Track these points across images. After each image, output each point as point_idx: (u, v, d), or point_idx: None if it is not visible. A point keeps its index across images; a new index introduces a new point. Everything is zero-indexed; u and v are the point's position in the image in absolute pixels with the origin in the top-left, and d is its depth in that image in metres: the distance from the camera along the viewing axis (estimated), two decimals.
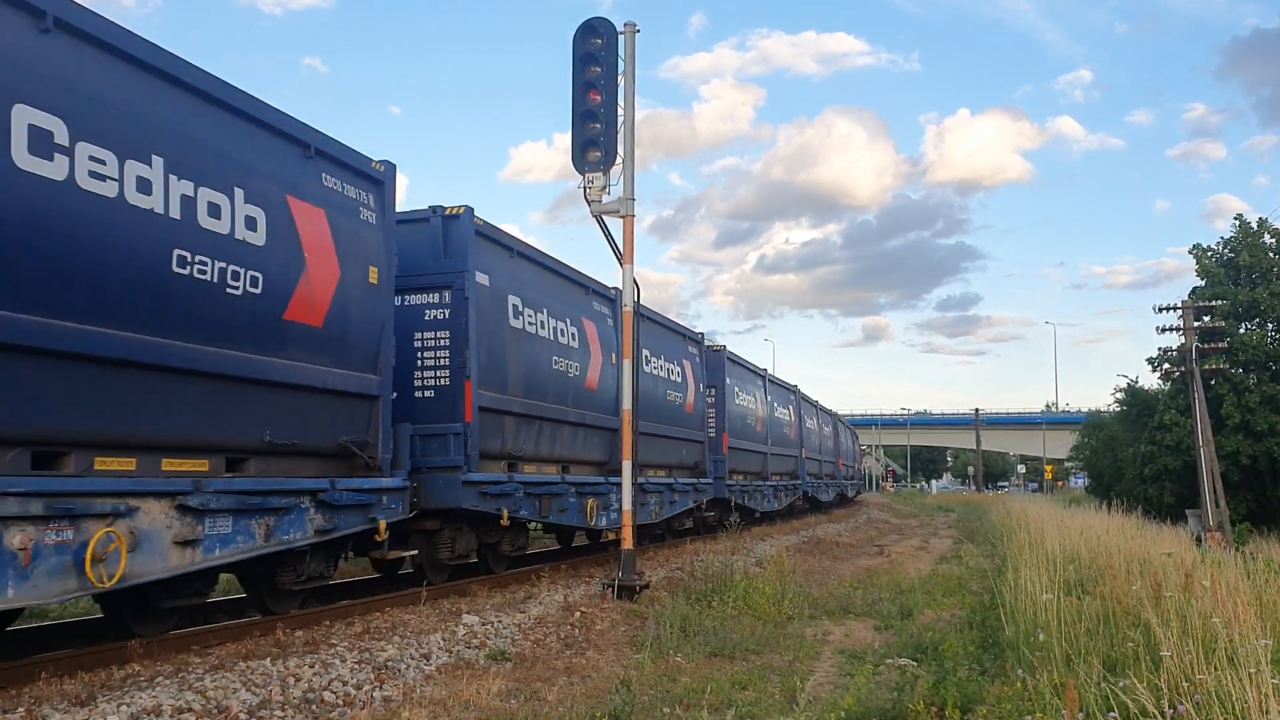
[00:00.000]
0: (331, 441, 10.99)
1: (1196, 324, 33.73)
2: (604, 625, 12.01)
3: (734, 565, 15.56)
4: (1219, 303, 36.02)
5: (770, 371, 34.07)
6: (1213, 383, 35.78)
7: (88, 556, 7.69)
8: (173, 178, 8.65)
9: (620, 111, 14.28)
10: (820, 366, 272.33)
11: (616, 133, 14.25)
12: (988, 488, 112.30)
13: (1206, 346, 33.41)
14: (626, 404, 14.54)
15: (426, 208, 13.92)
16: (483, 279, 13.86)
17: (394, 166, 12.25)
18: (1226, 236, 40.74)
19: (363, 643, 9.66)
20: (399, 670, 8.86)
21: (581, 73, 14.27)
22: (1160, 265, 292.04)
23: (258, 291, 9.62)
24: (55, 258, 7.65)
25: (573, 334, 16.85)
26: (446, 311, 13.50)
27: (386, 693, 8.22)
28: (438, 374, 13.84)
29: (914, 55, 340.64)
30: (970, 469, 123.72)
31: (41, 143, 7.50)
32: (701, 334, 25.52)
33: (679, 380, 22.53)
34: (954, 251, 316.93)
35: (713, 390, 25.95)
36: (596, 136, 14.23)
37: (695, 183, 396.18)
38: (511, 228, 14.79)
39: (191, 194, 8.86)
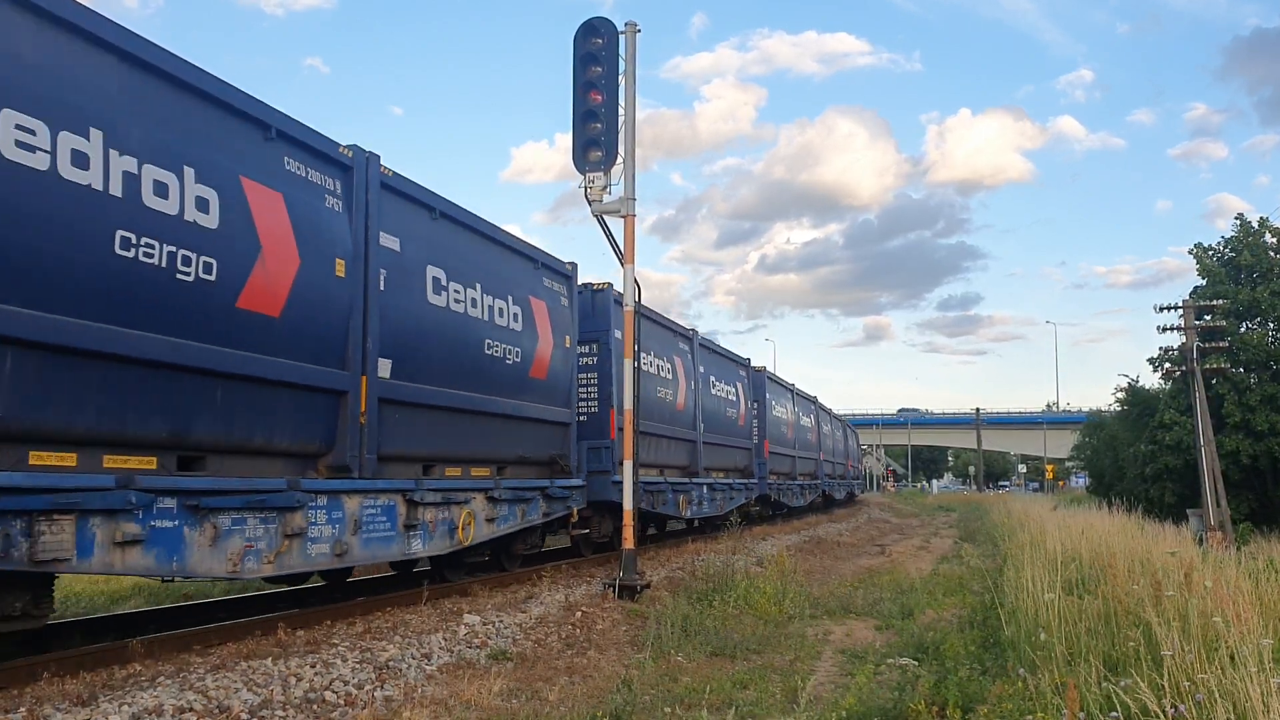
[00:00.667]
0: (546, 454, 15.80)
1: (1197, 323, 33.69)
2: (605, 625, 12.01)
3: (735, 565, 15.56)
4: (1220, 302, 35.96)
5: (773, 371, 34.24)
6: (1214, 382, 35.74)
7: (458, 526, 13.09)
8: (113, 152, 8.05)
9: (621, 111, 14.28)
10: (821, 366, 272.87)
11: (617, 132, 14.25)
12: (989, 487, 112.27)
13: (1207, 346, 33.37)
14: (628, 404, 14.53)
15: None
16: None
17: (363, 153, 11.39)
18: (1228, 236, 40.70)
19: (364, 642, 9.66)
20: (400, 670, 8.86)
21: (582, 72, 14.27)
22: (1161, 265, 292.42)
23: (516, 361, 14.74)
24: None
25: (668, 367, 21.58)
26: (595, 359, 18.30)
27: (388, 692, 8.22)
28: (588, 403, 18.62)
29: (915, 55, 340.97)
30: (971, 469, 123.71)
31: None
32: (749, 359, 30.36)
33: (734, 399, 27.48)
34: (955, 251, 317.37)
35: (755, 404, 30.16)
36: (597, 136, 14.23)
37: (696, 183, 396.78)
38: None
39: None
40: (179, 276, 8.60)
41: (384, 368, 11.46)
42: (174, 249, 8.52)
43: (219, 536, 9.03)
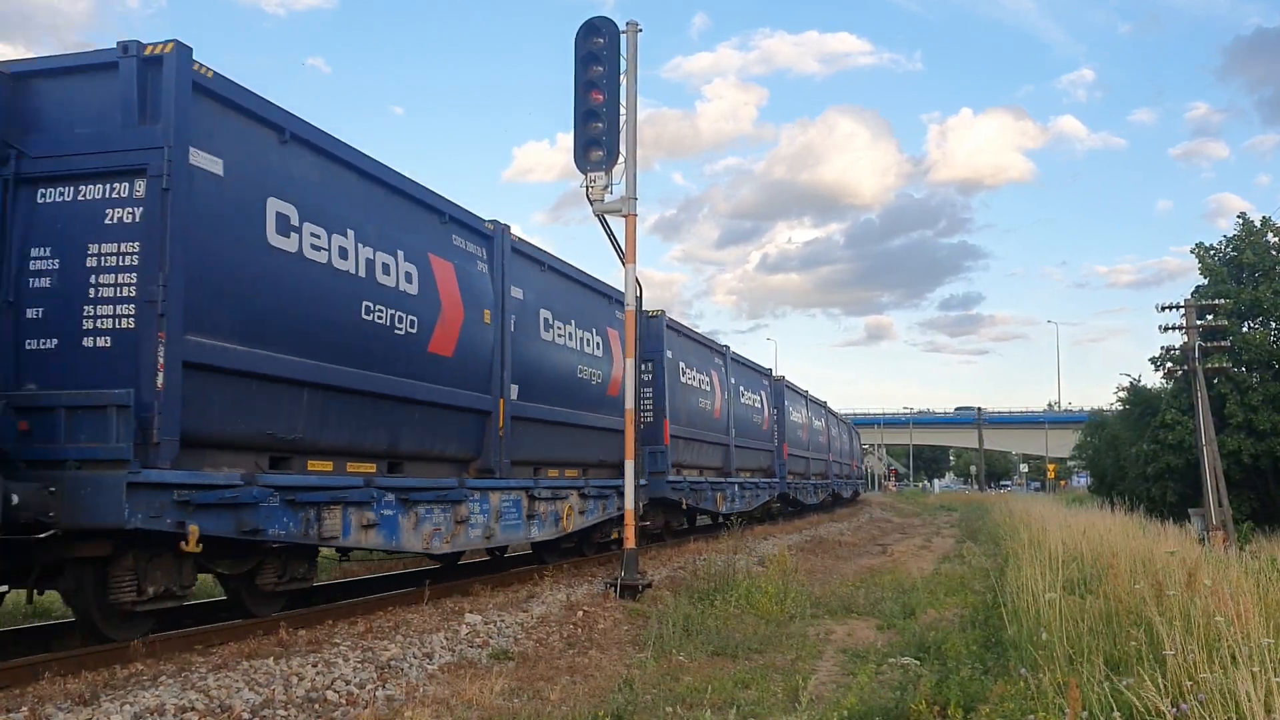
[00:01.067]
0: (617, 458, 16.43)
1: (1199, 323, 33.70)
2: (606, 624, 12.01)
3: (736, 564, 15.56)
4: (1222, 301, 35.97)
5: (775, 371, 34.51)
6: (1215, 381, 35.75)
7: (562, 517, 15.98)
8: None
9: (622, 111, 14.26)
10: (823, 365, 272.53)
11: (618, 132, 14.23)
12: (990, 487, 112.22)
13: (1209, 345, 33.38)
14: (629, 404, 14.53)
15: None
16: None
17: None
18: (1229, 235, 40.71)
19: (365, 642, 9.66)
20: (402, 669, 8.86)
21: (583, 72, 14.26)
22: (1162, 264, 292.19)
23: (599, 382, 16.98)
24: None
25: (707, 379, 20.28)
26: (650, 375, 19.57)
27: (389, 692, 8.22)
28: (645, 414, 20.21)
29: (916, 55, 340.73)
30: (973, 468, 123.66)
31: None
32: (770, 369, 33.62)
33: (759, 407, 30.61)
34: (956, 251, 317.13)
35: (776, 410, 32.86)
36: (598, 136, 14.22)
37: (698, 182, 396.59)
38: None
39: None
40: (396, 331, 11.75)
41: (514, 391, 14.35)
42: (394, 311, 11.70)
43: (418, 521, 12.13)
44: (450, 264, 12.96)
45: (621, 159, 14.29)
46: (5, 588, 9.08)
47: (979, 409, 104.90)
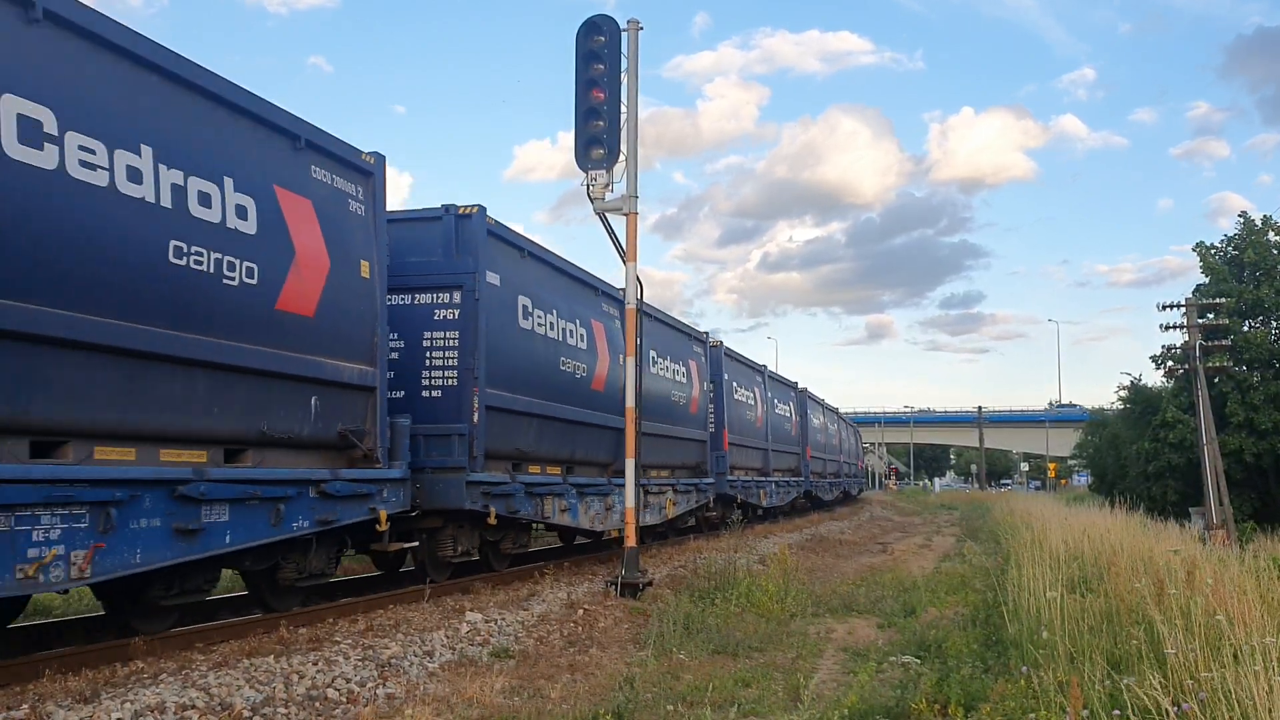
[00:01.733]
0: (694, 461, 20.64)
1: (1200, 321, 33.69)
2: (607, 623, 12.01)
3: (737, 563, 15.54)
4: (1223, 300, 35.96)
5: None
6: (1216, 380, 35.76)
7: (666, 506, 20.45)
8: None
9: (623, 109, 14.25)
10: (823, 364, 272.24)
11: (619, 130, 14.22)
12: (991, 486, 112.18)
13: (1210, 344, 33.37)
14: (630, 402, 14.53)
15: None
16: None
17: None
18: (1231, 234, 40.69)
19: (366, 640, 9.66)
20: (402, 667, 8.86)
21: (584, 70, 14.24)
22: (1163, 263, 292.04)
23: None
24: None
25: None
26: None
27: (390, 690, 8.22)
28: (708, 425, 24.22)
29: (917, 54, 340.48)
30: (973, 467, 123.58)
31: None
32: (796, 381, 38.34)
33: (788, 415, 35.15)
34: (957, 250, 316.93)
35: (800, 418, 37.36)
36: (599, 134, 14.20)
37: (699, 181, 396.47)
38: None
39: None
40: (577, 377, 16.68)
41: (628, 414, 15.51)
42: (578, 364, 16.60)
43: (587, 508, 16.78)
44: (600, 325, 17.68)
45: (622, 157, 14.28)
46: (414, 544, 13.22)
47: (979, 408, 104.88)
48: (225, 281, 9.41)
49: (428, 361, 13.43)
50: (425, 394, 13.37)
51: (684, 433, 22.15)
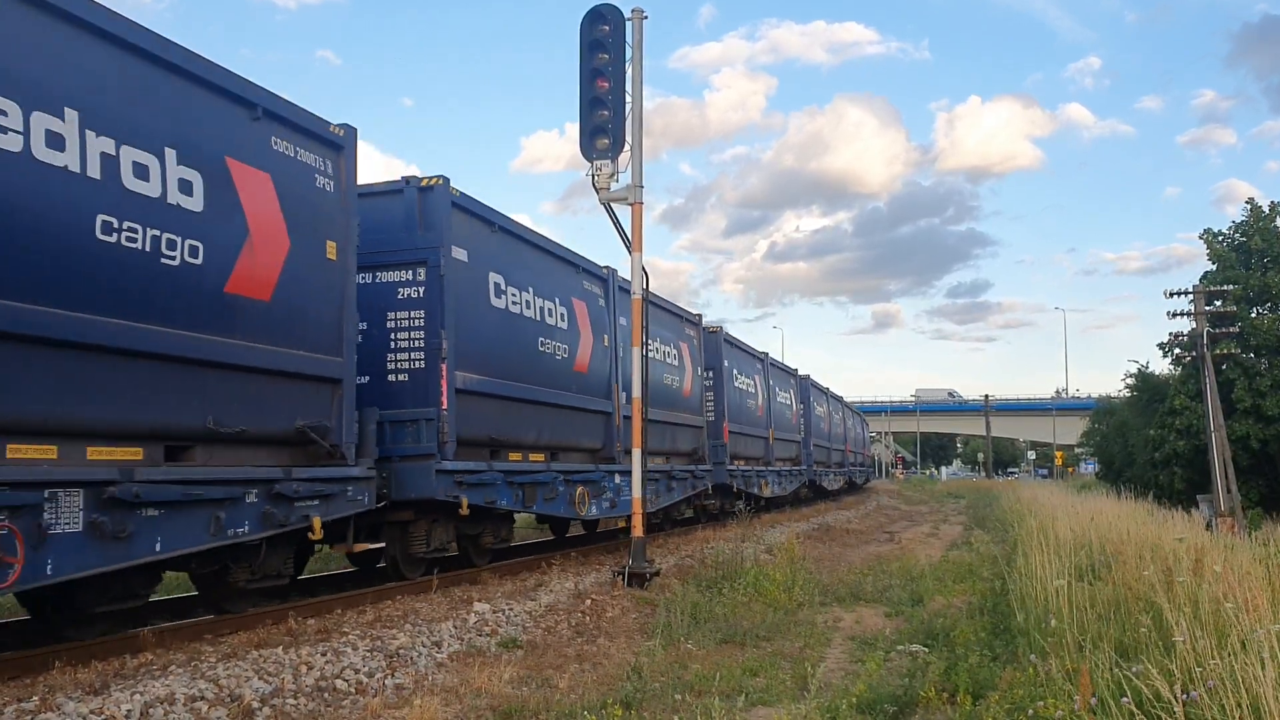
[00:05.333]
0: (691, 447, 20.57)
1: (1207, 308, 33.56)
2: (615, 612, 12.02)
3: (744, 553, 15.56)
4: (1230, 287, 35.81)
5: (776, 358, 34.78)
6: (1224, 367, 35.61)
7: (667, 491, 20.39)
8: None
9: (628, 99, 14.23)
10: (830, 353, 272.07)
11: (624, 120, 14.19)
12: (998, 474, 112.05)
13: (1217, 331, 33.26)
14: (636, 392, 14.53)
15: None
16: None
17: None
18: (1238, 221, 40.51)
19: (374, 631, 9.68)
20: (411, 658, 8.88)
21: (589, 60, 14.21)
22: (1170, 251, 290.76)
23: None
24: None
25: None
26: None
27: (398, 680, 8.24)
28: (706, 413, 23.64)
29: (924, 43, 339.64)
30: (980, 455, 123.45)
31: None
32: (808, 375, 38.19)
33: (789, 403, 34.47)
34: (965, 238, 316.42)
35: (803, 405, 37.18)
36: (604, 124, 14.17)
37: (706, 172, 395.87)
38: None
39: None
40: (557, 358, 15.87)
41: (622, 399, 17.37)
42: (559, 344, 15.86)
43: (576, 496, 16.04)
44: (581, 302, 17.09)
45: (627, 147, 14.25)
46: (380, 544, 13.21)
47: (987, 396, 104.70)
48: (164, 261, 8.54)
49: (393, 343, 12.66)
50: (391, 378, 12.59)
51: (677, 418, 21.27)
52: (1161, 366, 43.72)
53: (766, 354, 31.80)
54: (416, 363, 12.59)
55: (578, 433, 16.76)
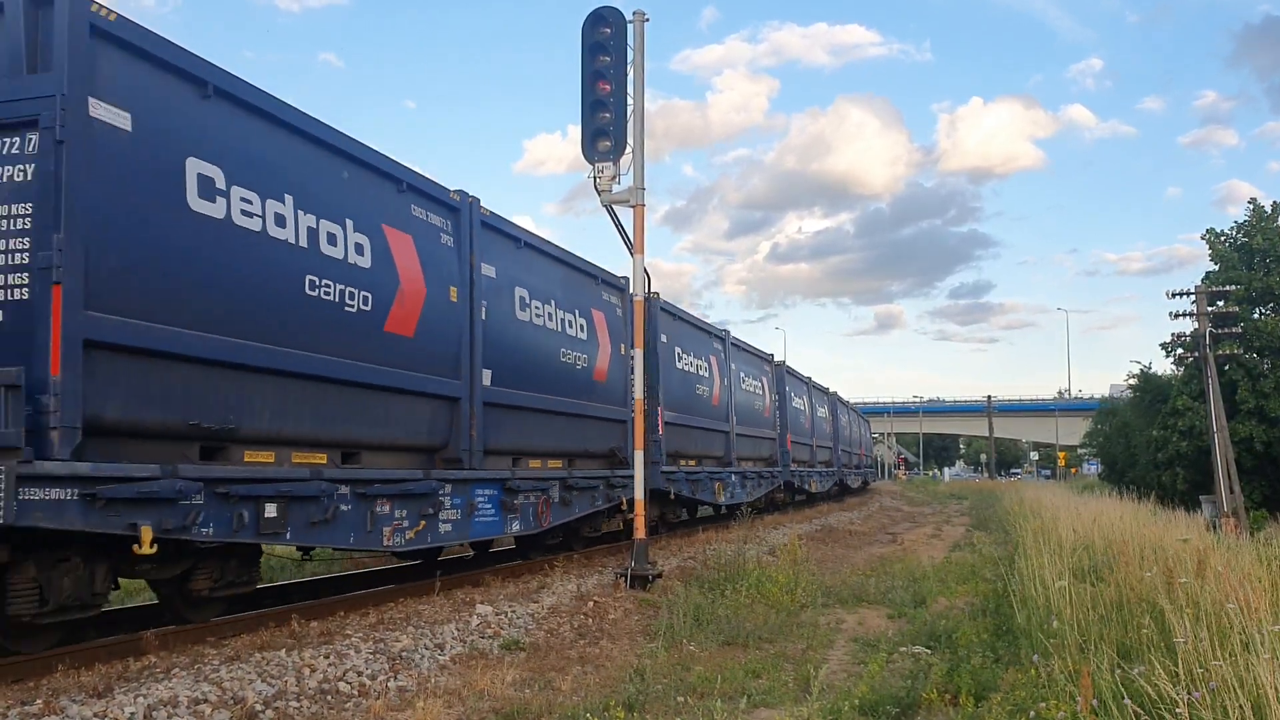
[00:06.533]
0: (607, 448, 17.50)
1: (1210, 309, 33.51)
2: (617, 614, 12.03)
3: (746, 554, 15.55)
4: (1233, 288, 35.78)
5: (776, 357, 34.52)
6: (1226, 368, 35.58)
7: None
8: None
9: (630, 101, 14.25)
10: (833, 354, 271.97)
11: (626, 122, 14.21)
12: (1000, 475, 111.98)
13: (1220, 331, 33.21)
14: (638, 394, 14.55)
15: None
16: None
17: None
18: (1240, 221, 40.48)
19: (377, 633, 9.69)
20: (413, 660, 8.89)
21: (591, 62, 14.24)
22: (1173, 251, 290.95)
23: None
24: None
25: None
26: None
27: (401, 683, 8.25)
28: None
29: (925, 45, 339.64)
30: (983, 456, 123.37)
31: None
32: (771, 354, 34.55)
33: (760, 393, 30.59)
34: (967, 239, 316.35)
35: (778, 396, 33.56)
36: (606, 126, 14.19)
37: (708, 173, 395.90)
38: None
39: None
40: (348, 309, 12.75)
41: (637, 405, 15.57)
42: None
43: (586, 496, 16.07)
44: (600, 314, 17.18)
45: (629, 149, 14.27)
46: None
47: (989, 397, 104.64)
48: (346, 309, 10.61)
49: None
50: None
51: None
52: (1164, 367, 43.76)
53: (727, 332, 27.15)
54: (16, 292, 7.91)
55: (594, 439, 16.60)
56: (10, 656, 8.12)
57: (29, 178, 7.71)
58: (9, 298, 7.67)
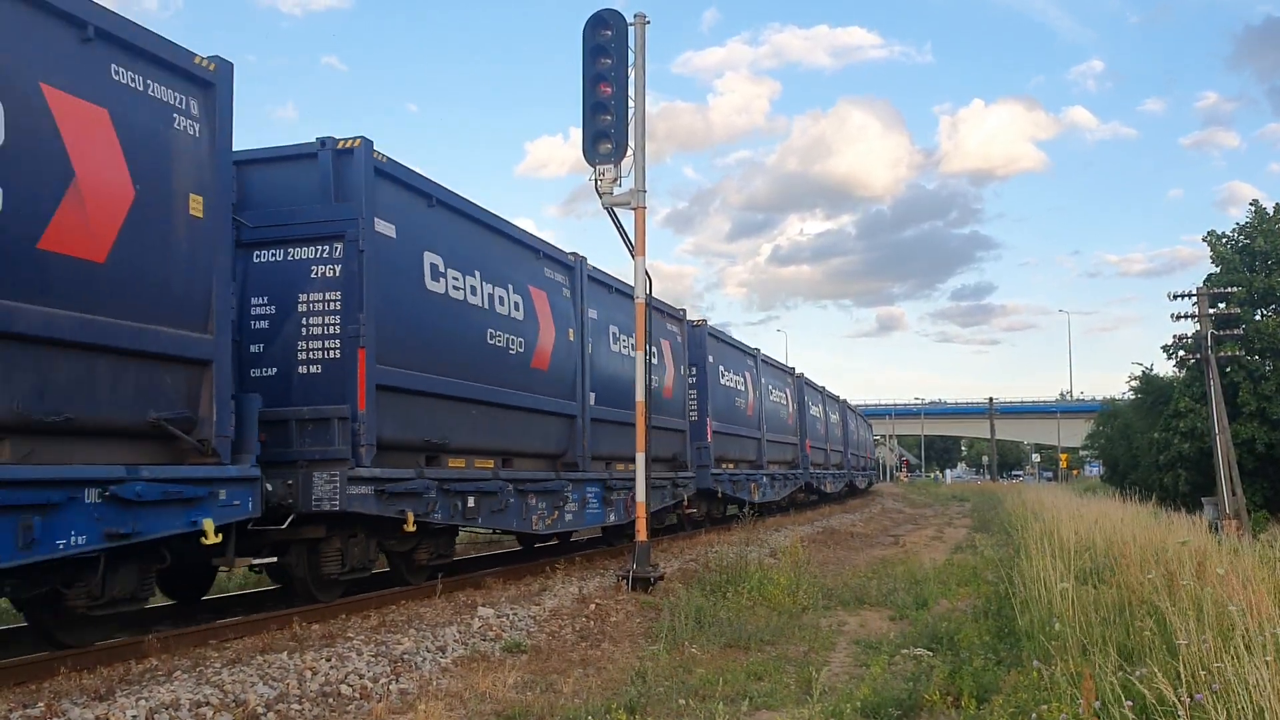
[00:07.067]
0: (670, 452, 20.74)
1: (1211, 311, 33.52)
2: (619, 617, 12.03)
3: (748, 556, 15.55)
4: (1234, 289, 35.78)
5: (772, 356, 34.90)
6: (1228, 369, 35.58)
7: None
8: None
9: (631, 103, 14.26)
10: (834, 356, 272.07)
11: (627, 124, 14.23)
12: (1002, 477, 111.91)
13: (1222, 333, 33.21)
14: (640, 395, 14.53)
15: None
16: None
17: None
18: (1242, 222, 40.49)
19: (379, 636, 9.69)
20: (415, 663, 8.89)
21: (592, 65, 14.26)
22: (1174, 253, 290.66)
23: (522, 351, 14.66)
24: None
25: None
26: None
27: (403, 685, 8.25)
28: (689, 412, 22.39)
29: (926, 46, 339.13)
30: (985, 458, 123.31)
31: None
32: (793, 368, 38.17)
33: (784, 403, 33.32)
34: (968, 241, 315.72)
35: (798, 405, 35.79)
36: (607, 128, 14.21)
37: (710, 175, 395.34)
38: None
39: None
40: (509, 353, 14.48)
41: (639, 408, 15.53)
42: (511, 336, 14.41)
43: (529, 508, 14.57)
44: (542, 291, 16.96)
45: (630, 151, 14.28)
46: (271, 559, 10.94)
47: (991, 399, 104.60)
48: (511, 352, 14.31)
49: (304, 330, 11.04)
50: (302, 370, 11.00)
51: (655, 420, 17.61)
52: (1166, 369, 43.77)
53: (758, 350, 30.45)
54: (331, 353, 11.02)
55: (536, 437, 15.05)
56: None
57: (337, 274, 11.12)
58: (327, 357, 11.07)
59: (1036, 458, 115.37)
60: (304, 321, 11.07)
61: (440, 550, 13.27)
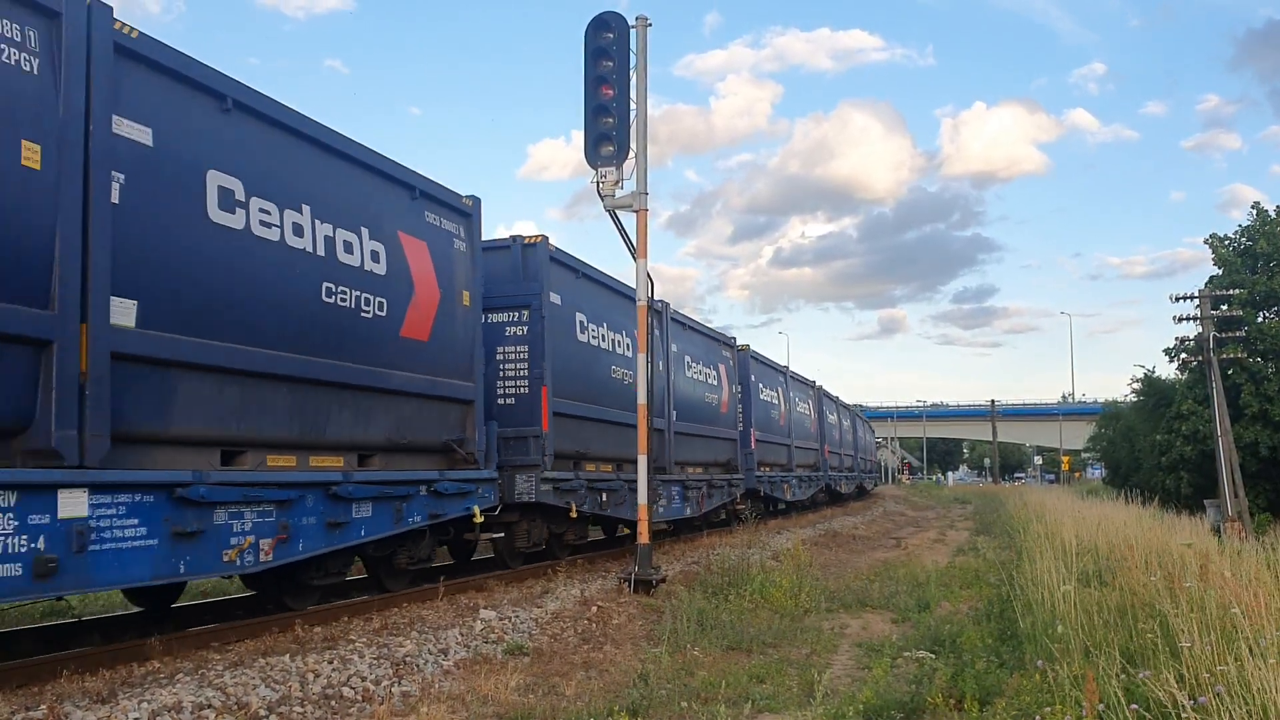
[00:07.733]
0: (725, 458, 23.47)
1: (1213, 313, 33.49)
2: (621, 619, 12.02)
3: (750, 559, 15.55)
4: (1236, 291, 35.75)
5: (789, 366, 35.59)
6: (1230, 372, 35.54)
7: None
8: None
9: (633, 106, 14.26)
10: (836, 359, 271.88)
11: (629, 127, 14.23)
12: (1004, 479, 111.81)
13: (1224, 335, 33.18)
14: (641, 398, 14.52)
15: (508, 237, 15.62)
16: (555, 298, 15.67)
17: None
18: (1243, 225, 40.46)
19: (381, 638, 9.69)
20: (417, 665, 8.89)
21: (593, 67, 14.27)
22: (1176, 255, 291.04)
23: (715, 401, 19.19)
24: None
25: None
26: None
27: (405, 688, 8.25)
28: (736, 423, 25.58)
29: (928, 49, 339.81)
30: (987, 460, 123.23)
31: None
32: (814, 380, 39.95)
33: (807, 413, 36.93)
34: (970, 243, 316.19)
35: (818, 415, 39.44)
36: (609, 131, 14.22)
37: (712, 178, 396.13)
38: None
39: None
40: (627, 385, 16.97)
41: (673, 416, 20.20)
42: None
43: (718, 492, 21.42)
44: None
45: (632, 154, 14.29)
46: (500, 534, 14.86)
47: (993, 401, 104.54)
48: (710, 402, 18.25)
49: (500, 372, 15.06)
50: (500, 401, 14.93)
51: (716, 431, 23.74)
52: (1168, 371, 43.74)
53: (787, 368, 34.89)
54: (521, 389, 15.06)
55: (719, 452, 22.95)
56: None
57: (525, 333, 15.04)
58: (519, 391, 15.02)
59: (1038, 460, 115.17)
60: (501, 367, 15.00)
61: (581, 533, 17.82)
